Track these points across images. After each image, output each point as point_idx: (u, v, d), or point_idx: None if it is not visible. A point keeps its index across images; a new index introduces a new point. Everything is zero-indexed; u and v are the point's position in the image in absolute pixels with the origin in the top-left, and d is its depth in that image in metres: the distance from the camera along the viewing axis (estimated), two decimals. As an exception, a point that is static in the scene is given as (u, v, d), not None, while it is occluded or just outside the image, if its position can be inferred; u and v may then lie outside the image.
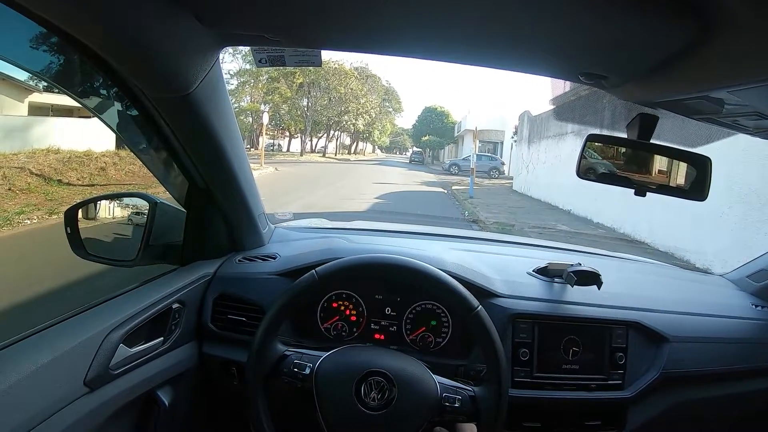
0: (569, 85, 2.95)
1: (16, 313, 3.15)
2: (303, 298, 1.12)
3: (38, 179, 7.82)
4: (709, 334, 1.40)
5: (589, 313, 1.32)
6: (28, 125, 10.11)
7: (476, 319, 1.07)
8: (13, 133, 9.56)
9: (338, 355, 1.09)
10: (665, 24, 0.68)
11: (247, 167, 1.31)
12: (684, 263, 6.24)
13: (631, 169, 1.09)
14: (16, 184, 7.30)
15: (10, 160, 8.00)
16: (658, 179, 1.09)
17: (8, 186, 7.11)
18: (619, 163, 1.11)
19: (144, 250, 1.22)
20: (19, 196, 7.02)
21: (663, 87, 0.89)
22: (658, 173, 1.09)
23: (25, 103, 10.79)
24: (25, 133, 9.68)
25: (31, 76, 7.96)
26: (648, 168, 1.08)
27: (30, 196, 7.17)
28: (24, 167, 7.86)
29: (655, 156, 1.08)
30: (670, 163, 1.09)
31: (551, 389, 1.27)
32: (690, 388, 1.39)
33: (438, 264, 1.20)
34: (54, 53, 0.89)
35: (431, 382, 1.05)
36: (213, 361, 1.33)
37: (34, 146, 9.07)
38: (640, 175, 1.08)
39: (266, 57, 1.00)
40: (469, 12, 0.73)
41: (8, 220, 6.09)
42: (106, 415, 1.03)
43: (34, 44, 0.85)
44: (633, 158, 1.10)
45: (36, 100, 10.84)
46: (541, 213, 11.36)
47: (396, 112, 47.67)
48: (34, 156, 8.53)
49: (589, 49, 0.83)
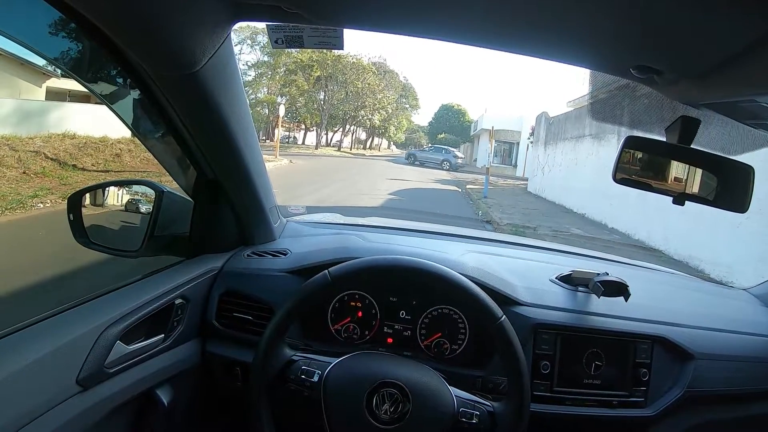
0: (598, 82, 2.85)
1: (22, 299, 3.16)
2: (314, 300, 1.06)
3: (53, 163, 7.98)
4: (735, 352, 1.34)
5: (614, 326, 1.27)
6: (45, 110, 10.30)
7: (500, 330, 1.01)
8: (30, 117, 9.75)
9: (349, 363, 1.04)
10: (734, 18, 0.63)
11: (258, 156, 1.26)
12: (699, 273, 6.17)
13: (670, 178, 1.03)
14: (32, 167, 7.42)
15: (26, 144, 8.15)
16: (698, 188, 1.02)
17: (23, 169, 7.21)
18: (657, 168, 1.04)
19: (148, 240, 1.18)
20: (34, 180, 7.13)
21: (720, 87, 0.82)
22: (697, 181, 1.02)
23: (42, 88, 10.99)
24: (41, 117, 9.87)
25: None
26: (688, 175, 1.02)
27: (44, 180, 7.30)
28: (39, 151, 8.02)
29: (695, 163, 1.01)
30: (711, 172, 1.02)
31: (571, 405, 1.22)
32: (714, 408, 1.34)
33: (459, 268, 1.14)
34: (60, 34, 0.87)
35: (448, 396, 1.00)
36: (216, 360, 1.29)
37: (50, 131, 9.23)
38: (678, 182, 1.02)
39: (283, 37, 0.92)
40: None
41: (22, 203, 6.19)
42: (100, 414, 0.99)
43: (39, 25, 0.83)
44: (672, 164, 1.03)
45: (54, 86, 11.04)
46: (555, 216, 11.33)
47: (413, 108, 47.71)
48: (50, 140, 8.70)
49: (648, 40, 0.76)
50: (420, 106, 69.69)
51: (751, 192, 0.99)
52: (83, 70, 0.98)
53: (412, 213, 8.84)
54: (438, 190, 15.75)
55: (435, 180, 18.92)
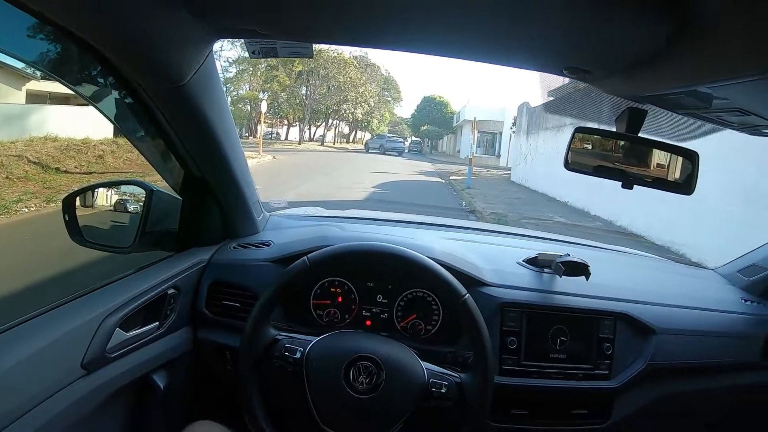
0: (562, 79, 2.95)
1: (14, 299, 3.17)
2: (295, 284, 1.14)
3: (36, 167, 7.82)
4: (696, 327, 1.41)
5: (577, 304, 1.34)
6: (26, 113, 10.09)
7: (464, 307, 1.09)
8: (10, 120, 9.54)
9: (328, 340, 1.11)
10: (644, 21, 0.69)
11: (241, 156, 1.33)
12: (679, 257, 6.24)
13: (619, 162, 1.09)
14: (14, 172, 7.30)
15: (7, 148, 8.00)
16: (646, 173, 1.09)
17: (6, 174, 7.10)
18: (608, 156, 1.11)
19: (140, 237, 1.23)
20: (17, 184, 7.02)
21: (646, 82, 0.90)
22: (646, 167, 1.09)
23: (22, 91, 10.75)
24: (22, 120, 9.66)
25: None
26: (636, 162, 1.09)
27: (28, 184, 7.18)
28: (22, 155, 7.86)
29: (643, 150, 1.09)
30: (659, 157, 1.09)
31: (538, 377, 1.29)
32: (677, 380, 1.41)
33: (427, 252, 1.22)
34: (49, 43, 0.89)
35: (419, 368, 1.08)
36: (207, 345, 1.35)
37: (31, 134, 9.06)
38: (627, 168, 1.08)
39: (259, 48, 1.02)
40: (454, 6, 0.74)
41: (6, 208, 6.10)
42: (102, 397, 1.06)
43: (28, 34, 0.84)
44: (621, 152, 1.10)
45: (34, 88, 10.80)
46: (538, 204, 11.36)
47: (395, 101, 47.55)
48: (32, 144, 8.53)
49: (572, 44, 0.84)
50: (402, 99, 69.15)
51: (696, 175, 1.05)
52: (72, 74, 1.01)
53: (396, 205, 8.80)
54: (422, 182, 15.68)
55: (419, 172, 18.82)
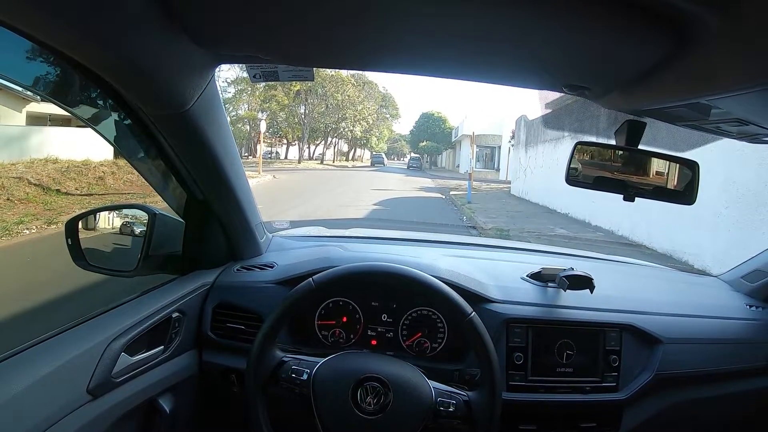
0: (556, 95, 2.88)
1: (19, 323, 3.15)
2: (300, 306, 1.14)
3: (37, 189, 7.86)
4: (702, 335, 1.41)
5: (582, 317, 1.34)
6: (26, 135, 10.16)
7: (470, 325, 1.09)
8: (11, 142, 9.61)
9: (335, 361, 1.11)
10: (641, 38, 0.70)
11: (243, 179, 1.33)
12: (682, 265, 6.22)
13: (620, 175, 1.10)
14: (15, 194, 7.33)
15: (8, 170, 8.04)
16: (646, 185, 1.09)
17: (7, 196, 7.13)
18: (608, 169, 1.12)
19: (144, 260, 1.23)
20: (18, 206, 7.04)
21: (645, 96, 0.91)
22: (647, 179, 1.10)
23: (23, 113, 10.85)
24: (23, 142, 9.73)
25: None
26: (636, 174, 1.09)
27: (29, 205, 7.21)
28: (22, 177, 7.90)
29: (643, 162, 1.09)
30: (659, 168, 1.10)
31: (546, 392, 1.28)
32: (684, 389, 1.40)
33: (431, 271, 1.22)
34: (51, 68, 0.90)
35: (426, 387, 1.07)
36: (213, 368, 1.34)
37: (32, 156, 9.11)
38: (628, 180, 1.09)
39: (260, 73, 1.04)
40: (453, 31, 0.75)
41: (7, 230, 6.11)
42: (109, 422, 1.05)
43: (30, 59, 0.85)
44: (621, 164, 1.11)
45: (34, 110, 10.90)
46: (539, 217, 11.33)
47: (393, 118, 47.70)
48: (33, 166, 8.58)
49: (570, 62, 0.85)
50: (401, 115, 69.69)
51: (697, 185, 1.06)
52: (73, 99, 1.01)
53: (397, 223, 8.79)
54: (422, 198, 15.63)
55: (419, 188, 18.75)
